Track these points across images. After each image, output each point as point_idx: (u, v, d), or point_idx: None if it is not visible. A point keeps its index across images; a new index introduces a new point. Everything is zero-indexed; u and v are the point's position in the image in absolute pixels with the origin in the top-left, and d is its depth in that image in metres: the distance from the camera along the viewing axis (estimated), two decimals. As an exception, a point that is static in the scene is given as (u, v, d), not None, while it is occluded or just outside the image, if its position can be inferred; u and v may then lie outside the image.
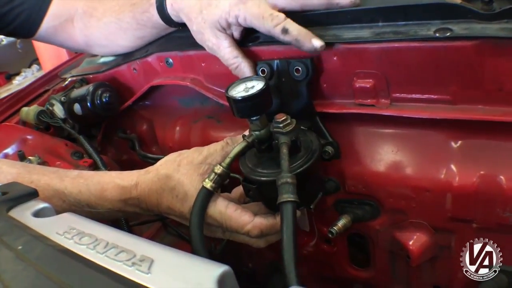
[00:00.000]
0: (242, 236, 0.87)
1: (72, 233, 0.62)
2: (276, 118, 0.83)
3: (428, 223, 0.89)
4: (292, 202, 0.74)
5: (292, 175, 0.75)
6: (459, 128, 0.80)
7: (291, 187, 0.74)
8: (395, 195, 0.89)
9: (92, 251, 0.57)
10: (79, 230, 0.63)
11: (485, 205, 0.80)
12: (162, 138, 1.24)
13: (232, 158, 0.86)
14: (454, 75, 0.75)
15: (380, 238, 0.98)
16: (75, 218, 0.70)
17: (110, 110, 1.24)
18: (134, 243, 0.58)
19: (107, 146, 1.43)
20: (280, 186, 0.75)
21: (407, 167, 0.87)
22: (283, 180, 0.75)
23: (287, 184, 0.74)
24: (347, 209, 0.98)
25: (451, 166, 0.82)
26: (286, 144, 0.81)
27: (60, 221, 0.67)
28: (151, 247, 0.57)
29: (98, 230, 0.64)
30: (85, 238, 0.60)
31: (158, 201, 0.88)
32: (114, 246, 0.57)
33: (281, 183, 0.75)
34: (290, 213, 0.73)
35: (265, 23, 0.85)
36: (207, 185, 0.84)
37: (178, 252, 0.55)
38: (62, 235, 0.62)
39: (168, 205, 0.87)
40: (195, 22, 0.95)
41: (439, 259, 0.93)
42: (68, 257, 0.56)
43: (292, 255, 0.70)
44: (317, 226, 1.10)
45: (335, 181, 0.98)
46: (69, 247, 0.59)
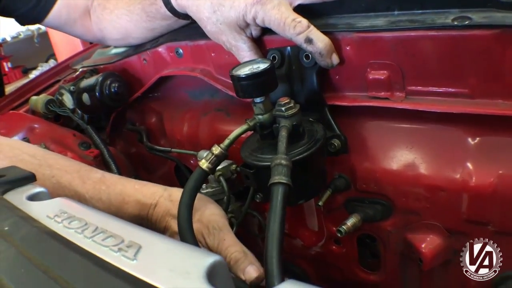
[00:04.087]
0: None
1: (62, 216, 0.60)
2: (279, 101, 0.80)
3: (442, 225, 0.84)
4: (283, 184, 0.69)
5: (287, 157, 0.72)
6: (478, 123, 0.75)
7: (284, 169, 0.70)
8: (408, 194, 0.85)
9: (80, 235, 0.54)
10: (70, 214, 0.60)
11: (503, 207, 0.75)
12: (170, 131, 1.22)
13: (231, 140, 0.83)
14: (472, 66, 0.71)
15: (391, 240, 0.94)
16: (69, 202, 0.67)
17: (118, 100, 1.23)
18: (123, 228, 0.56)
19: (116, 139, 1.41)
20: (273, 167, 0.71)
21: (421, 165, 0.82)
22: (277, 161, 0.71)
23: (281, 165, 0.71)
24: (358, 208, 0.94)
25: (467, 164, 0.77)
26: (286, 127, 0.78)
27: (52, 205, 0.64)
28: (141, 233, 0.54)
29: (90, 214, 0.61)
30: (75, 222, 0.58)
31: (166, 227, 0.85)
32: (103, 231, 0.54)
33: (275, 165, 0.71)
34: (280, 196, 0.68)
35: (287, 30, 0.80)
36: (203, 165, 0.81)
37: (168, 240, 0.52)
38: (52, 219, 0.60)
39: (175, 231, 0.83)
40: (209, 23, 0.92)
41: (453, 264, 0.88)
42: (53, 239, 0.53)
43: (276, 246, 0.63)
44: (326, 226, 1.06)
45: (345, 178, 0.94)
46: (57, 230, 0.56)
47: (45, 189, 0.68)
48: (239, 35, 0.89)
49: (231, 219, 1.09)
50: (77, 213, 0.60)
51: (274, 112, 0.81)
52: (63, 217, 0.59)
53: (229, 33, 0.89)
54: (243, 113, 1.06)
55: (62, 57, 4.27)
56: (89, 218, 0.59)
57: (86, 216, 0.59)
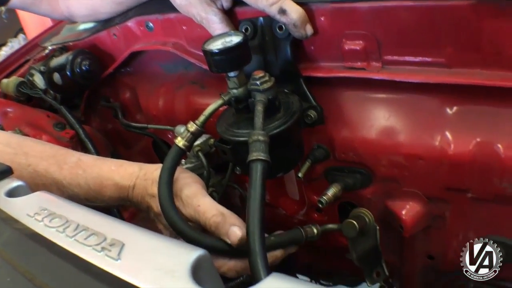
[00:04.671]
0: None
1: (43, 214, 0.59)
2: (253, 75, 0.79)
3: (421, 192, 0.86)
4: (262, 161, 0.69)
5: (264, 133, 0.71)
6: (455, 93, 0.75)
7: (262, 145, 0.70)
8: (387, 163, 0.85)
9: (62, 234, 0.54)
10: (50, 211, 0.59)
11: (481, 174, 0.76)
12: (145, 106, 1.19)
13: (206, 116, 0.82)
14: (450, 36, 0.70)
15: (371, 207, 0.95)
16: (48, 196, 0.66)
17: (90, 78, 1.19)
18: (105, 225, 0.55)
19: (91, 115, 1.38)
20: (251, 144, 0.71)
21: (399, 134, 0.82)
22: (254, 137, 0.71)
23: (258, 142, 0.70)
24: (337, 178, 0.94)
25: (446, 133, 0.77)
26: (261, 102, 0.77)
27: (32, 201, 0.63)
28: (123, 230, 0.53)
29: (70, 210, 0.60)
30: (56, 220, 0.57)
31: (148, 207, 0.83)
32: (85, 229, 0.54)
33: (252, 141, 0.71)
34: (260, 173, 0.68)
35: (259, 1, 0.78)
36: (180, 143, 0.81)
37: (152, 235, 0.52)
38: (32, 217, 0.59)
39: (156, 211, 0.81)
40: None
41: (433, 229, 0.90)
42: (35, 243, 0.52)
43: (258, 228, 0.64)
44: (307, 195, 1.07)
45: (324, 148, 0.94)
46: (38, 231, 0.55)
47: (24, 182, 0.67)
48: (210, 7, 0.86)
49: (213, 193, 1.09)
50: (57, 209, 0.60)
51: (249, 86, 0.80)
52: (44, 215, 0.58)
53: (199, 5, 0.86)
54: (218, 85, 1.05)
55: (31, 32, 4.12)
56: (69, 214, 0.58)
57: (67, 212, 0.59)
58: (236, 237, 0.71)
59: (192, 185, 0.81)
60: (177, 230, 0.74)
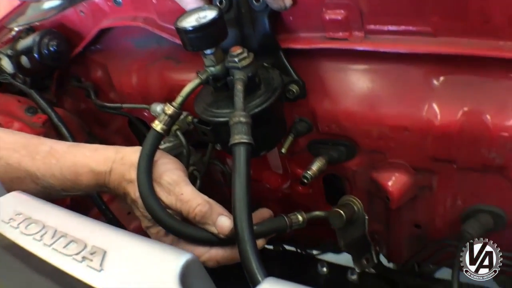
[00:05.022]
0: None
1: (18, 219, 0.56)
2: (231, 52, 0.75)
3: (408, 163, 0.84)
4: (245, 144, 0.67)
5: (245, 113, 0.69)
6: (441, 63, 0.73)
7: (244, 127, 0.68)
8: (371, 135, 0.83)
9: (39, 243, 0.51)
10: (26, 216, 0.56)
11: (469, 145, 0.74)
12: (119, 84, 1.14)
13: (184, 97, 0.78)
14: (435, 3, 0.66)
15: (357, 179, 0.94)
16: (23, 198, 0.63)
17: (59, 59, 1.14)
18: (85, 229, 0.52)
19: (63, 96, 1.32)
20: (232, 126, 0.68)
21: (384, 106, 0.80)
22: (236, 119, 0.68)
23: (240, 124, 0.68)
24: (321, 151, 0.92)
25: (432, 103, 0.75)
26: (241, 80, 0.74)
27: (6, 205, 0.60)
28: (104, 235, 0.50)
29: (47, 213, 0.57)
30: (32, 226, 0.54)
31: (125, 193, 0.80)
32: (63, 235, 0.51)
33: (233, 123, 0.68)
34: (243, 157, 0.66)
35: None
36: (157, 127, 0.77)
37: (134, 239, 0.49)
38: (7, 223, 0.56)
39: (133, 198, 0.78)
40: None
41: (420, 199, 0.90)
42: (13, 256, 0.49)
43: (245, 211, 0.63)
44: (291, 168, 1.05)
45: (306, 121, 0.91)
46: (15, 239, 0.52)
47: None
48: None
49: (194, 172, 1.06)
50: (33, 212, 0.56)
51: (227, 63, 0.76)
52: (19, 220, 0.55)
53: None
54: (194, 60, 1.00)
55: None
56: (46, 218, 0.55)
57: (44, 216, 0.55)
58: (226, 227, 0.70)
59: (174, 171, 0.78)
60: (157, 219, 0.72)
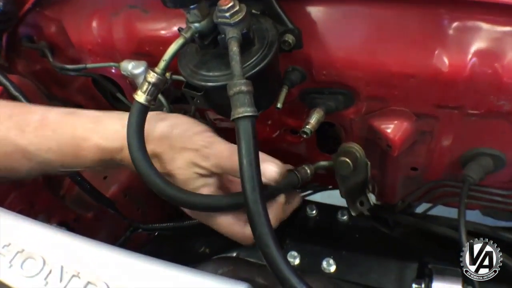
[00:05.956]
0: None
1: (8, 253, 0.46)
2: (219, 6, 0.65)
3: (410, 110, 0.80)
4: (250, 117, 0.60)
5: (246, 81, 0.61)
6: (452, 7, 0.67)
7: (247, 98, 0.61)
8: (374, 82, 0.78)
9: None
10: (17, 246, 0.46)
11: (477, 92, 0.71)
12: (77, 40, 1.01)
13: (167, 60, 0.69)
14: None
15: (354, 127, 0.90)
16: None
17: (7, 20, 0.99)
18: (84, 255, 0.44)
19: (16, 59, 1.17)
20: (233, 97, 0.61)
21: (389, 52, 0.74)
22: (236, 88, 0.61)
23: (242, 94, 0.60)
24: (317, 101, 0.86)
25: (441, 50, 0.70)
26: (235, 39, 0.65)
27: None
28: (103, 266, 0.43)
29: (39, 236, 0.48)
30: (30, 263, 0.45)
31: None
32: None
33: (234, 93, 0.61)
34: (251, 133, 0.60)
35: None
36: (141, 99, 0.69)
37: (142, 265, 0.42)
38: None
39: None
40: None
41: (419, 143, 0.87)
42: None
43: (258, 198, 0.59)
44: (281, 118, 0.99)
45: (299, 69, 0.83)
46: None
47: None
48: None
49: None
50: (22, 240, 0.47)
51: (215, 19, 0.67)
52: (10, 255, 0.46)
53: None
54: (163, 8, 0.88)
55: None
56: (27, 241, 0.46)
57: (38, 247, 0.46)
58: (273, 172, 0.67)
59: (201, 132, 0.72)
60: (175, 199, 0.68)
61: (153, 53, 0.94)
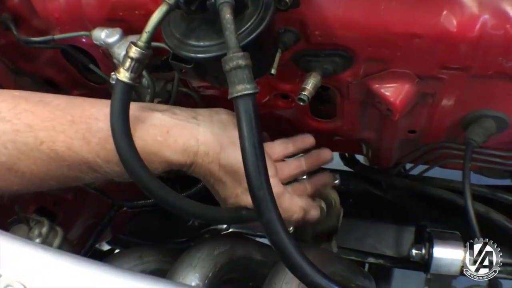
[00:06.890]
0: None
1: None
2: None
3: (413, 72, 0.76)
4: (250, 95, 0.55)
5: (244, 54, 0.55)
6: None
7: (245, 73, 0.55)
8: (376, 43, 0.72)
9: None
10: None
11: (486, 54, 0.67)
12: (42, 9, 0.90)
13: (150, 32, 0.62)
14: None
15: (351, 90, 0.85)
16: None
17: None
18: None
19: (-24, 36, 1.05)
20: (230, 73, 0.55)
21: (393, 10, 0.68)
22: (233, 63, 0.55)
23: (240, 69, 0.55)
24: (313, 64, 0.80)
25: (450, 9, 0.65)
26: (228, 4, 0.58)
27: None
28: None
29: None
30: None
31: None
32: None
33: (231, 69, 0.55)
34: (251, 111, 0.55)
35: None
36: (124, 77, 0.62)
37: None
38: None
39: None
40: None
41: (420, 106, 0.83)
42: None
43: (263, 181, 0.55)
44: (271, 83, 0.92)
45: (293, 31, 0.76)
46: None
47: None
48: None
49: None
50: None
51: None
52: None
53: None
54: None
55: None
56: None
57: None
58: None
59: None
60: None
61: (128, 19, 0.85)
